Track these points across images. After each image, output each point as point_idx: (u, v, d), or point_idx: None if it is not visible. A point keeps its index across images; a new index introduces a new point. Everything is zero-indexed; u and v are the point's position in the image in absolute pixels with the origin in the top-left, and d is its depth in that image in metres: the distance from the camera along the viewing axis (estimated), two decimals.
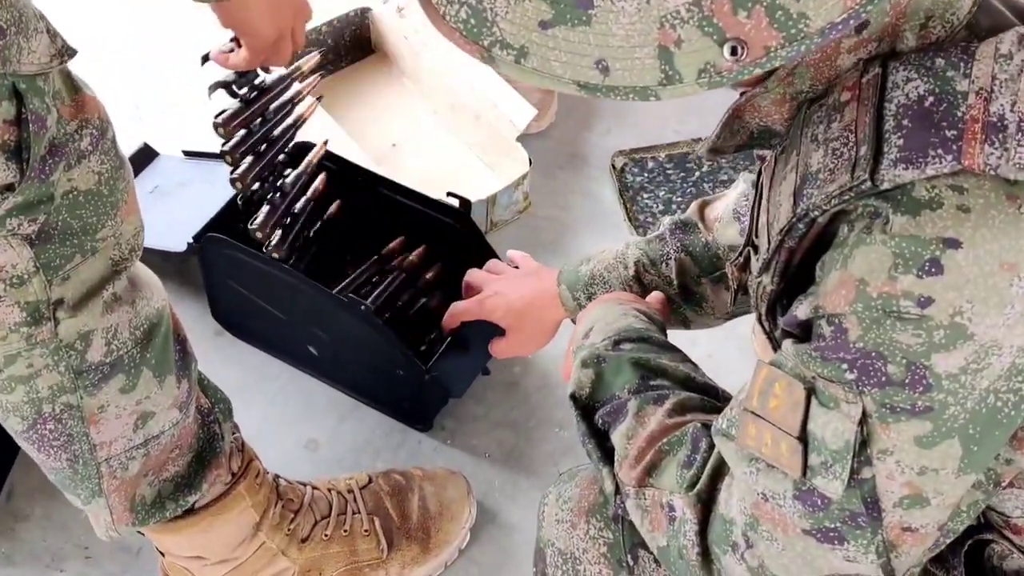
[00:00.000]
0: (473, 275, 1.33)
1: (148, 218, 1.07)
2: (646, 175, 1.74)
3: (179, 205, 1.50)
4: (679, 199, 1.67)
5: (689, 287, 1.17)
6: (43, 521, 1.35)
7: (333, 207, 1.39)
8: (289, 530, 1.23)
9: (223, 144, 1.28)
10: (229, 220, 1.41)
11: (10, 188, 0.85)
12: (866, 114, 0.68)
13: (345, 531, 1.27)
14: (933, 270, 0.66)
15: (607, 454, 0.90)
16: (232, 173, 1.29)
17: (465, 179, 1.62)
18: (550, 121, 1.80)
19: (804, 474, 0.73)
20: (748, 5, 0.59)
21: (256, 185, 1.33)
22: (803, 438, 0.73)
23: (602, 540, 0.94)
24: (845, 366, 0.70)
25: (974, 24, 0.69)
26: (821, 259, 0.72)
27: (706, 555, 0.81)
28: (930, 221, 0.66)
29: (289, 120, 1.35)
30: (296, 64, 1.31)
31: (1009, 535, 0.84)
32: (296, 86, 1.34)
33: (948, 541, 0.77)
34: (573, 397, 0.95)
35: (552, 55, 0.62)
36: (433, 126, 1.75)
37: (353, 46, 1.83)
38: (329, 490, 1.29)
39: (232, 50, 1.23)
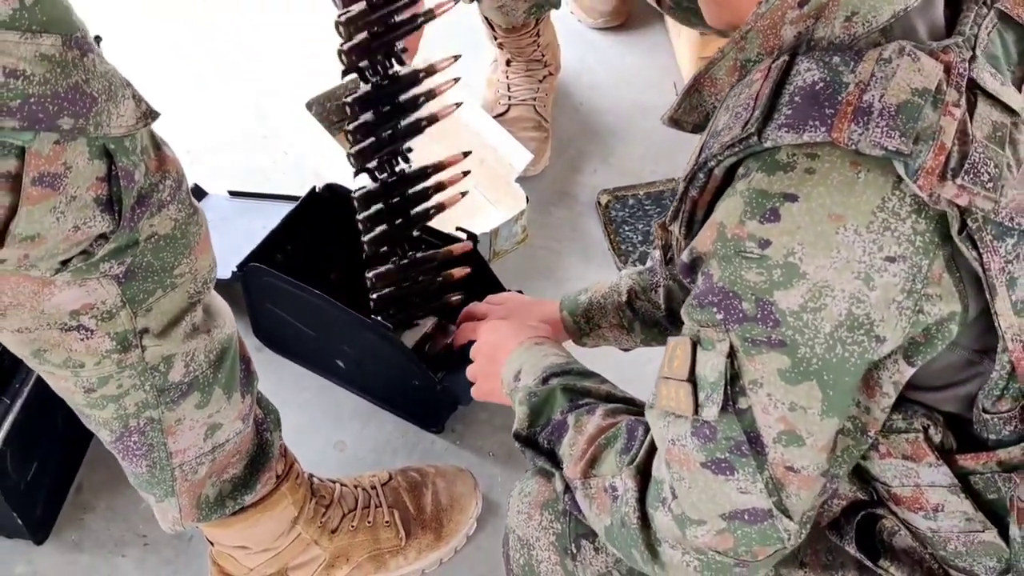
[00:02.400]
0: (474, 306, 1.40)
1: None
2: (627, 210, 1.86)
3: (225, 238, 1.55)
4: None
5: (675, 312, 1.21)
6: (107, 512, 1.48)
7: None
8: (321, 523, 1.34)
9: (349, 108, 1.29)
10: (269, 251, 1.55)
11: (105, 237, 0.91)
12: (767, 88, 0.76)
13: (369, 522, 1.38)
14: (772, 218, 0.74)
15: (557, 463, 0.96)
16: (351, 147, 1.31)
17: (471, 215, 1.72)
18: (544, 165, 1.92)
19: (696, 412, 0.79)
20: None
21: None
22: (692, 380, 0.79)
23: (552, 530, 1.01)
24: (714, 309, 0.77)
25: (888, 31, 0.77)
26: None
27: (644, 518, 0.85)
28: (779, 180, 0.74)
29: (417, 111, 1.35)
30: (430, 62, 1.35)
31: (893, 507, 0.89)
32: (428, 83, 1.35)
33: (833, 487, 0.83)
34: (516, 435, 1.01)
35: None
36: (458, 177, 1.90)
37: None
38: (355, 486, 1.40)
39: None
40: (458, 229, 1.55)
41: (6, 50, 0.78)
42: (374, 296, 1.42)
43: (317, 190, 1.63)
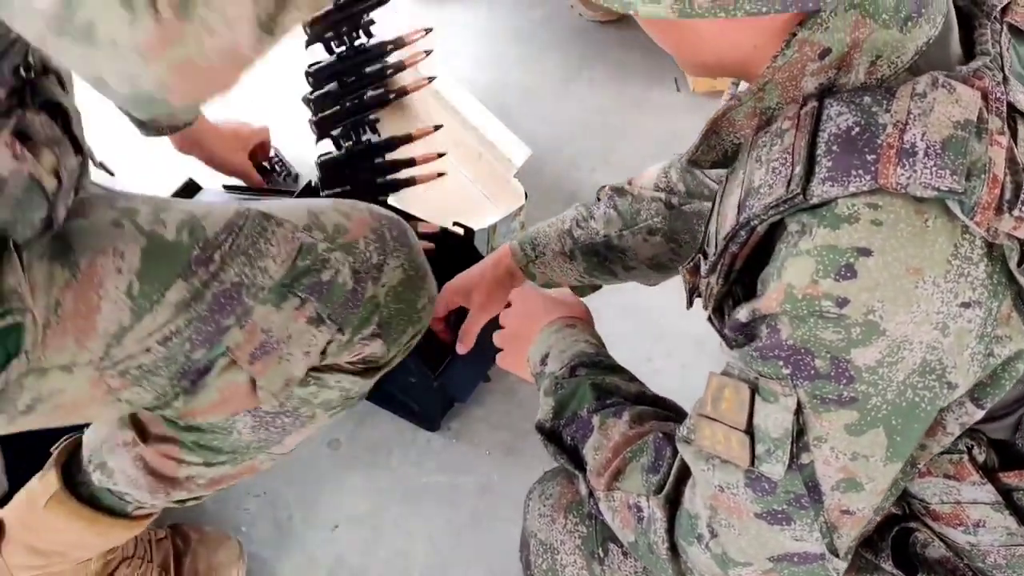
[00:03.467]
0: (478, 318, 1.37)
1: None
2: None
3: None
4: None
5: (612, 240, 1.23)
6: None
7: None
8: (107, 560, 1.30)
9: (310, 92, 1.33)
10: None
11: (331, 342, 1.04)
12: (802, 140, 0.72)
13: (139, 574, 1.34)
14: (848, 274, 0.70)
15: (580, 464, 0.94)
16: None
17: (470, 210, 1.70)
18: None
19: (752, 463, 0.77)
20: None
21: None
22: (750, 431, 0.77)
23: (578, 534, 0.99)
24: (780, 363, 0.74)
25: (915, 68, 0.74)
26: (761, 275, 0.76)
27: (674, 549, 0.85)
28: (847, 233, 0.70)
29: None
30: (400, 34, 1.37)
31: (929, 522, 0.87)
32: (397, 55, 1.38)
33: (878, 518, 0.82)
34: (539, 426, 1.00)
35: None
36: (443, 164, 1.91)
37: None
38: (139, 537, 1.34)
39: None
40: (455, 224, 1.54)
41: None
42: None
43: (313, 184, 1.60)
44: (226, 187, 1.73)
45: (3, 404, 0.94)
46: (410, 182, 1.43)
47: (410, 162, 1.43)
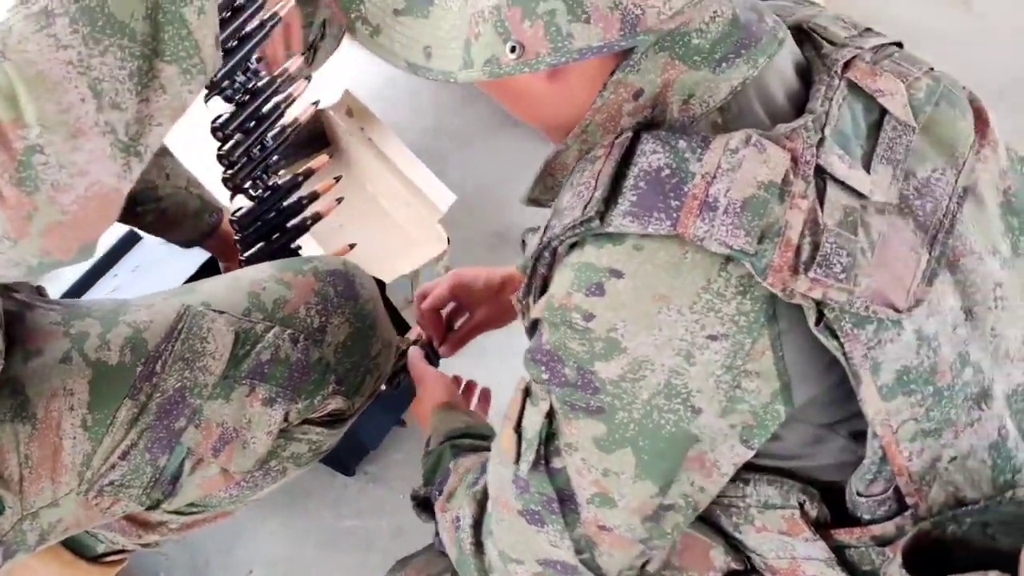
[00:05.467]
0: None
1: (133, 290, 1.28)
2: None
3: (157, 277, 1.66)
4: None
5: None
6: None
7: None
8: None
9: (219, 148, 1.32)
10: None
11: (289, 412, 1.09)
12: (609, 167, 0.74)
13: None
14: (597, 292, 0.73)
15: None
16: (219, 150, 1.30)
17: (398, 254, 1.77)
18: None
19: (516, 460, 0.81)
20: (532, 18, 0.70)
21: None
22: (518, 430, 0.81)
23: None
24: (542, 367, 0.77)
25: (725, 109, 0.76)
26: None
27: (479, 546, 0.89)
28: (607, 253, 0.73)
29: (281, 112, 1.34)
30: (283, 67, 1.36)
31: None
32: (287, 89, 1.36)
33: (657, 555, 0.84)
34: (413, 495, 1.04)
35: (397, 37, 0.75)
36: (372, 211, 1.95)
37: (312, 139, 2.03)
38: None
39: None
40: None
41: None
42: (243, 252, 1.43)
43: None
44: None
45: (16, 546, 1.01)
46: (317, 218, 1.45)
47: (313, 196, 1.44)
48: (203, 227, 1.48)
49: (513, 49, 0.72)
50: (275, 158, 1.38)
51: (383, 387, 1.34)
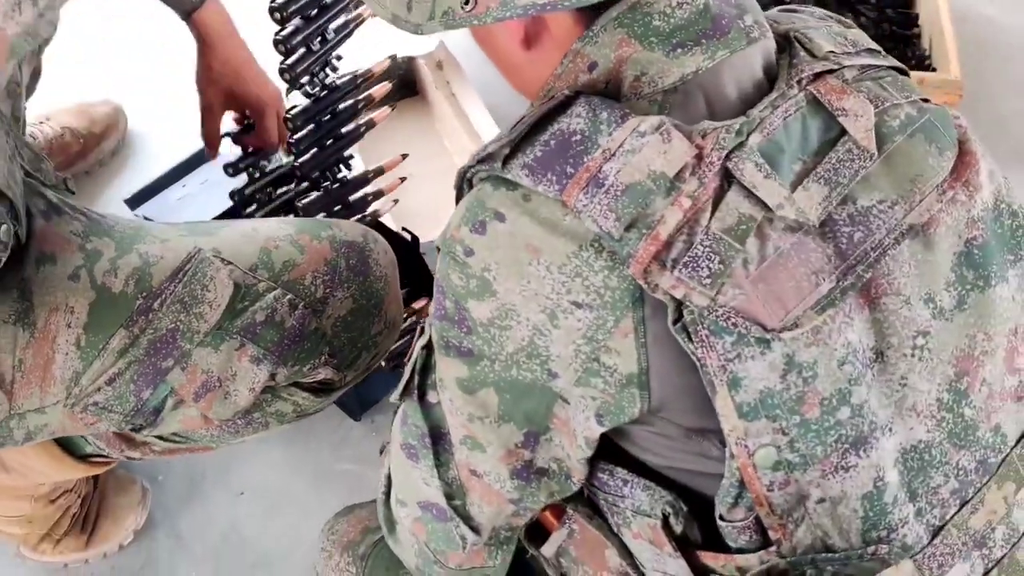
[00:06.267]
0: None
1: (197, 202, 1.44)
2: None
3: (220, 196, 1.59)
4: None
5: None
6: None
7: None
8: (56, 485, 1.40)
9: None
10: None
11: (275, 374, 1.10)
12: (532, 116, 0.76)
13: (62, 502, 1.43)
14: (480, 230, 0.75)
15: None
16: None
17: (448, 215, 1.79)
18: None
19: (401, 392, 0.86)
20: None
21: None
22: (409, 359, 0.86)
23: (348, 573, 1.06)
24: (436, 297, 0.80)
25: (670, 92, 0.75)
26: None
27: (389, 495, 0.93)
28: (498, 196, 0.75)
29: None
30: (368, 69, 1.42)
31: None
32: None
33: (527, 516, 0.86)
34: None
35: None
36: (444, 167, 1.95)
37: (402, 85, 2.06)
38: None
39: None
40: (403, 229, 1.58)
41: None
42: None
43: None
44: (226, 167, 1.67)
45: (3, 439, 1.07)
46: (378, 195, 1.47)
47: (378, 194, 1.48)
48: (185, 5, 1.39)
49: (467, 2, 0.73)
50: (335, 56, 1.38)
51: (382, 364, 1.37)
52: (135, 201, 1.80)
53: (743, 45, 0.76)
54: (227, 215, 1.59)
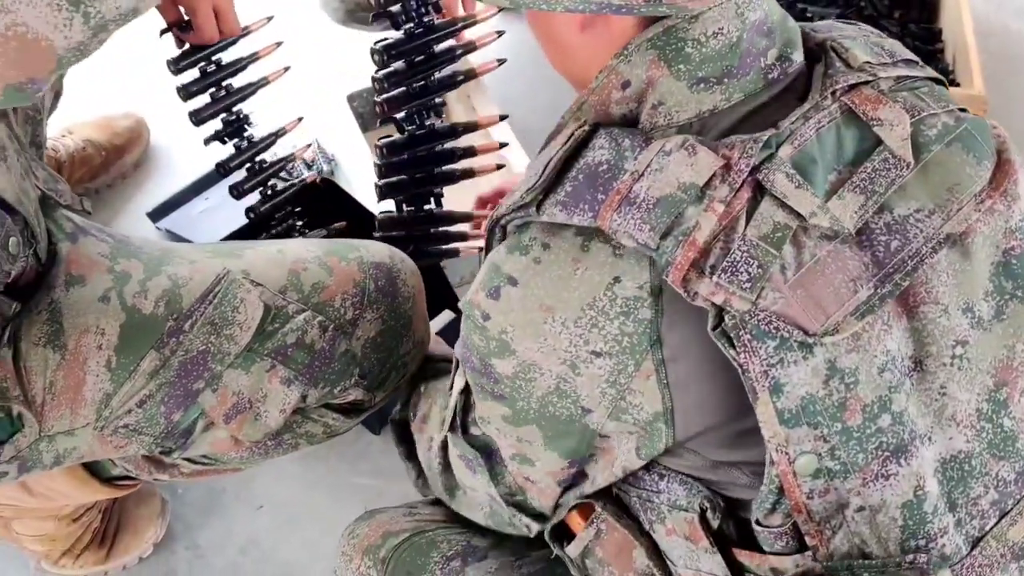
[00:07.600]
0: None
1: (219, 215, 1.46)
2: None
3: (241, 209, 1.58)
4: None
5: None
6: None
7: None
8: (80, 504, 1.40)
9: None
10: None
11: (307, 396, 1.10)
12: (560, 156, 0.77)
13: (84, 520, 1.43)
14: (495, 296, 0.78)
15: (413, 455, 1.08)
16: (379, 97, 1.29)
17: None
18: None
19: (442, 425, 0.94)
20: None
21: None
22: (450, 390, 0.93)
23: None
24: (464, 352, 0.85)
25: (686, 128, 0.76)
26: None
27: (447, 465, 0.97)
28: (512, 260, 0.78)
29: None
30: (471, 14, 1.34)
31: None
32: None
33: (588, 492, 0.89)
34: (391, 419, 1.11)
35: None
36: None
37: None
38: None
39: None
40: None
41: None
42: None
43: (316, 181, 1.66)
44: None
45: (32, 463, 1.05)
46: (468, 174, 1.41)
47: (470, 151, 1.40)
48: None
49: None
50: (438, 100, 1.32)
51: None
52: (157, 214, 1.82)
53: (758, 88, 0.77)
54: (244, 231, 1.60)
